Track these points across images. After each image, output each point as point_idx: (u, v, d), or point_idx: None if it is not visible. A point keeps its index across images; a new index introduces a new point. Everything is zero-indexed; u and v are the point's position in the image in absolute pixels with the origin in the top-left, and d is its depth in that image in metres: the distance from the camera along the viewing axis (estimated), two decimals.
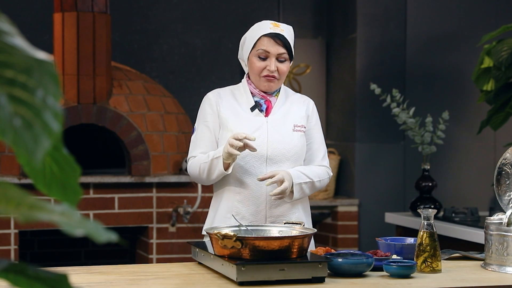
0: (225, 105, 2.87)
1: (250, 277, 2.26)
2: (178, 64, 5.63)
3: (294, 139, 2.85)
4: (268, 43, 2.82)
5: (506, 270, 2.55)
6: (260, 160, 2.79)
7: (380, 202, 5.43)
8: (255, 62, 2.84)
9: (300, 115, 2.91)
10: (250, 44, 2.86)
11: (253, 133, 2.80)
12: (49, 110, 0.81)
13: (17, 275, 0.89)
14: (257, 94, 2.89)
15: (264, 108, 2.87)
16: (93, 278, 2.41)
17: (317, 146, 2.95)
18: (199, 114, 2.92)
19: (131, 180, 4.64)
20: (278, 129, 2.84)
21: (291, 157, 2.83)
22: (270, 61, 2.82)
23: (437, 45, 5.51)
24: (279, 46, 2.83)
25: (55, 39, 4.67)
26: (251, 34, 2.88)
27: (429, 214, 2.56)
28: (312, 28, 5.91)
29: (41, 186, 0.93)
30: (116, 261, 5.08)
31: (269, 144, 2.81)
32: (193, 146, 2.89)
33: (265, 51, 2.82)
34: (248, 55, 2.86)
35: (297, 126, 2.88)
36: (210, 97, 2.89)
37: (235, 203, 2.80)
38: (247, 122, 2.83)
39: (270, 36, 2.83)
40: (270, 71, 2.82)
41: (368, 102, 5.39)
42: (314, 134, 2.95)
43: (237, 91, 2.92)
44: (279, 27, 2.86)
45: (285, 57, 2.84)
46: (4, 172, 4.49)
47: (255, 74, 2.85)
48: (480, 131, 4.59)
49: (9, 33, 0.83)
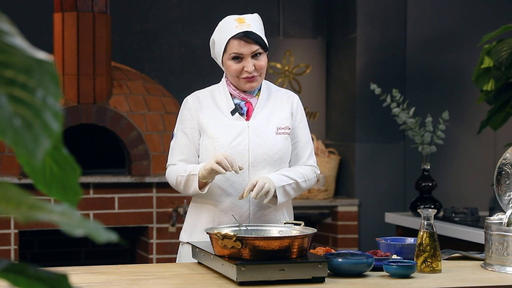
0: (204, 110, 2.77)
1: (250, 277, 2.26)
2: (178, 64, 5.63)
3: (278, 143, 2.75)
4: (238, 45, 2.71)
5: (506, 270, 2.55)
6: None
7: (380, 202, 5.43)
8: (231, 66, 2.73)
9: (284, 116, 2.80)
10: (220, 49, 2.75)
11: (234, 139, 2.71)
12: (49, 110, 0.81)
13: (17, 275, 0.89)
14: (237, 96, 2.78)
15: (244, 111, 2.77)
16: (93, 278, 2.41)
17: (302, 144, 2.84)
18: (178, 119, 2.84)
19: (131, 180, 4.64)
20: (260, 134, 2.74)
21: (274, 162, 2.73)
22: (245, 61, 2.72)
23: (437, 45, 5.51)
24: (250, 45, 2.72)
25: (55, 39, 4.67)
26: (218, 37, 2.77)
27: (429, 214, 2.56)
28: (312, 28, 5.91)
29: (41, 186, 0.93)
30: (116, 261, 5.08)
31: (250, 150, 2.72)
32: (171, 153, 2.81)
33: (238, 54, 2.72)
34: (222, 59, 2.76)
35: (281, 129, 2.77)
36: (189, 102, 2.81)
37: (217, 213, 2.73)
38: (227, 128, 2.74)
39: (238, 37, 2.72)
40: (249, 72, 2.71)
41: (368, 102, 5.39)
42: (299, 132, 2.84)
43: (217, 93, 2.81)
44: (244, 22, 2.75)
45: (259, 52, 2.73)
46: (4, 172, 4.49)
47: (234, 77, 2.75)
48: (480, 131, 4.59)
49: (9, 33, 0.84)
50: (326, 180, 5.53)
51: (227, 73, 2.79)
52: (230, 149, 2.71)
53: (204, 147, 2.75)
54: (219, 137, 2.72)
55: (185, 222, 2.85)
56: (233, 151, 2.70)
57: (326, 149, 5.68)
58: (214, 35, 2.80)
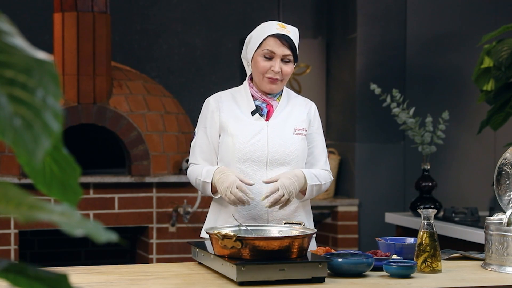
0: (226, 109, 2.86)
1: (250, 277, 2.26)
2: (178, 64, 5.63)
3: (295, 142, 2.84)
4: (274, 44, 2.82)
5: (506, 270, 2.55)
6: (261, 164, 2.79)
7: (380, 202, 5.43)
8: (260, 62, 2.82)
9: (301, 118, 2.89)
10: (255, 44, 2.85)
11: (253, 137, 2.80)
12: (49, 110, 0.81)
13: (17, 275, 0.89)
14: (259, 98, 2.87)
15: (265, 112, 2.86)
16: (93, 278, 2.41)
17: (319, 150, 2.93)
18: (200, 119, 2.92)
19: (131, 180, 4.64)
20: (279, 133, 2.83)
21: (291, 161, 2.81)
22: (275, 61, 2.81)
23: (437, 45, 5.51)
24: (284, 47, 2.82)
25: (55, 39, 4.67)
26: (257, 33, 2.87)
27: (429, 214, 2.56)
28: (312, 28, 5.91)
29: (41, 186, 0.93)
30: (116, 261, 5.08)
31: (269, 148, 2.80)
32: (192, 151, 2.91)
33: (271, 52, 2.81)
34: (253, 54, 2.85)
35: (298, 130, 2.86)
36: (211, 102, 2.89)
37: (238, 208, 2.78)
38: (247, 126, 2.82)
39: (277, 37, 2.82)
40: (275, 72, 2.80)
41: (368, 102, 5.39)
42: (316, 138, 2.93)
43: (238, 94, 2.91)
44: (285, 28, 2.85)
45: (290, 58, 2.83)
46: (4, 172, 4.49)
47: (259, 73, 2.83)
48: (480, 131, 4.59)
49: (9, 33, 0.83)
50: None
51: (253, 70, 2.87)
52: (249, 146, 2.79)
53: (224, 144, 2.83)
54: (238, 135, 2.80)
55: (206, 220, 2.92)
56: (252, 149, 2.79)
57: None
58: (252, 32, 2.90)
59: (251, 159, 2.77)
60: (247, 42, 2.91)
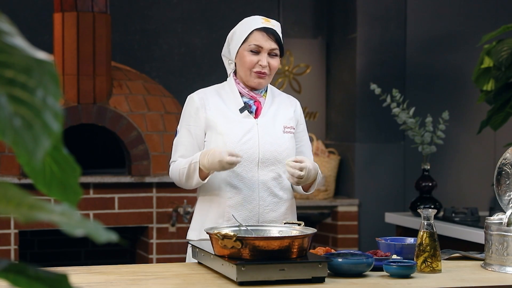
0: (212, 106, 2.80)
1: (250, 277, 2.26)
2: (178, 64, 5.63)
3: (286, 141, 2.81)
4: (261, 38, 2.78)
5: (506, 270, 2.55)
6: (252, 164, 2.75)
7: (380, 202, 5.43)
8: (246, 56, 2.78)
9: (289, 116, 2.87)
10: (240, 39, 2.80)
11: (244, 135, 2.76)
12: (49, 110, 0.81)
13: (17, 275, 0.89)
14: (246, 95, 2.83)
15: (253, 109, 2.82)
16: (93, 278, 2.41)
17: (306, 147, 2.94)
18: (182, 116, 2.85)
19: (131, 180, 4.64)
20: (269, 131, 2.80)
21: (282, 159, 2.78)
22: (262, 56, 2.78)
23: (437, 45, 5.51)
24: (271, 41, 2.79)
25: (55, 39, 4.67)
26: (241, 28, 2.82)
27: (429, 214, 2.56)
28: (312, 28, 5.91)
29: (41, 186, 0.93)
30: (116, 261, 5.07)
31: (260, 147, 2.76)
32: (175, 149, 2.84)
33: (258, 46, 2.78)
34: (238, 50, 2.80)
35: (287, 128, 2.84)
36: (195, 99, 2.82)
37: (227, 208, 2.74)
38: (237, 125, 2.77)
39: (263, 31, 2.79)
40: (262, 66, 2.76)
41: (368, 102, 5.39)
42: (304, 136, 2.94)
43: (223, 91, 2.85)
44: (270, 22, 2.82)
45: (276, 52, 2.81)
46: (4, 172, 4.49)
47: (246, 69, 2.79)
48: (480, 131, 4.59)
49: (9, 33, 0.83)
50: (326, 180, 5.53)
51: (240, 66, 2.82)
52: (240, 145, 2.74)
53: (213, 143, 2.76)
54: (229, 133, 2.75)
55: (193, 221, 2.85)
56: (243, 147, 2.74)
57: (326, 149, 5.68)
58: (235, 28, 2.86)
59: (243, 158, 2.71)
60: (229, 38, 2.86)
